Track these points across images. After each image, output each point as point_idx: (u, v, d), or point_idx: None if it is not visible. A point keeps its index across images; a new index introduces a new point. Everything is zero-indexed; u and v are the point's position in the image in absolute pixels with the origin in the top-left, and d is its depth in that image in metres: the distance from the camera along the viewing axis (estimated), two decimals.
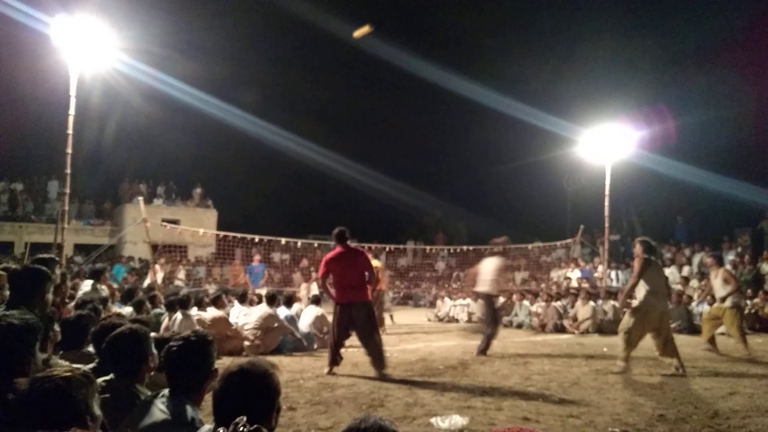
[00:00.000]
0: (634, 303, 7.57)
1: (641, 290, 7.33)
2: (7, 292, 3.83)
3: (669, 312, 7.71)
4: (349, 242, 7.24)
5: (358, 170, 25.29)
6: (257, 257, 17.23)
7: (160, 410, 2.36)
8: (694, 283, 15.36)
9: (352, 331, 7.09)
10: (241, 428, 1.53)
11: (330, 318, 10.02)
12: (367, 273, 7.04)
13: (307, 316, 9.85)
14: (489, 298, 8.97)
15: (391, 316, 13.64)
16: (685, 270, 16.68)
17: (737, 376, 7.10)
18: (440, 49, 25.01)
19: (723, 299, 9.21)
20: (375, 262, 12.03)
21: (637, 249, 7.51)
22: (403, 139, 30.08)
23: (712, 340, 9.47)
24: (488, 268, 9.06)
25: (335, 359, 7.07)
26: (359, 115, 28.27)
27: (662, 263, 17.77)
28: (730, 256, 17.17)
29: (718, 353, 9.13)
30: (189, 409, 2.40)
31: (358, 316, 6.93)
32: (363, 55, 25.68)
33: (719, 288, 9.29)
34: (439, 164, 30.76)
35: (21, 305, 3.38)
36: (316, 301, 10.34)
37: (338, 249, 7.15)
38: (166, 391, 2.47)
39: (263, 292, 11.98)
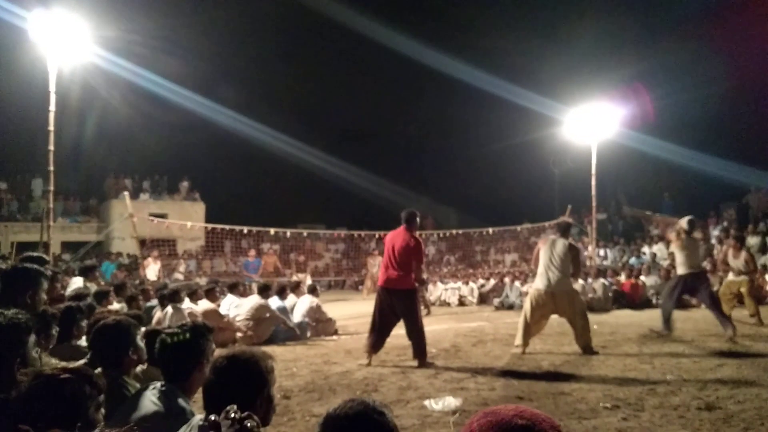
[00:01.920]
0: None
1: (538, 268, 7.31)
2: None
3: (570, 293, 7.27)
4: (414, 227, 6.92)
5: (343, 161, 25.24)
6: (252, 252, 17.28)
7: (152, 402, 2.37)
8: None
9: (395, 319, 6.86)
10: (233, 414, 1.54)
11: (324, 308, 10.15)
12: (415, 262, 6.80)
13: (301, 305, 9.86)
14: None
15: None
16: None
17: (725, 349, 7.22)
18: (428, 31, 24.55)
19: (739, 272, 9.52)
20: None
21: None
22: (386, 125, 29.91)
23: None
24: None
25: (376, 346, 6.79)
26: (340, 105, 28.06)
27: (650, 239, 18.03)
28: (716, 232, 17.37)
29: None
30: (181, 400, 2.41)
31: (399, 304, 6.75)
32: (344, 46, 25.62)
33: (740, 266, 9.58)
34: (422, 147, 30.60)
35: (10, 305, 3.35)
36: (311, 290, 10.36)
37: (400, 230, 6.91)
38: (158, 384, 2.48)
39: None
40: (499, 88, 21.94)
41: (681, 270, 8.45)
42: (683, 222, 8.63)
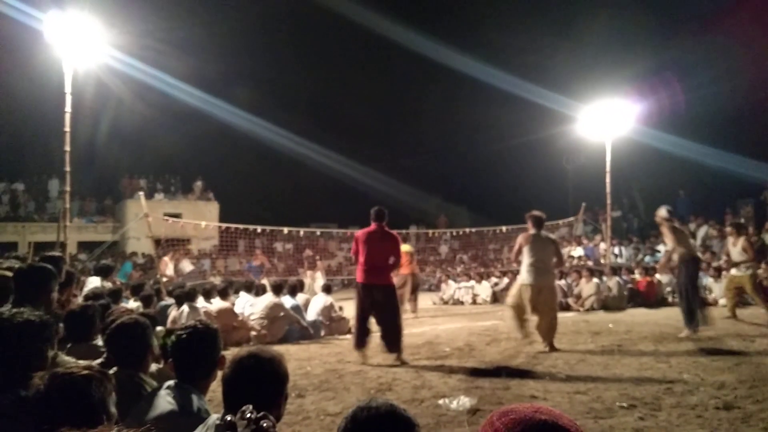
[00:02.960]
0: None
1: (523, 264, 7.48)
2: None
3: (552, 289, 7.57)
4: (384, 223, 7.06)
5: (356, 160, 25.26)
6: (256, 261, 17.36)
7: (167, 401, 2.38)
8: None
9: (371, 314, 6.96)
10: (249, 415, 1.55)
11: (337, 306, 10.17)
12: (392, 258, 6.94)
13: (315, 304, 9.89)
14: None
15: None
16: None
17: (743, 347, 7.12)
18: (440, 29, 24.39)
19: (736, 264, 9.42)
20: (405, 247, 12.01)
21: (528, 224, 7.72)
22: (398, 123, 29.88)
23: (733, 311, 9.74)
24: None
25: (362, 341, 6.88)
26: (352, 104, 28.02)
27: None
28: None
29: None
30: (195, 398, 2.42)
31: (379, 299, 6.85)
32: (356, 45, 25.56)
33: (737, 255, 9.44)
34: (435, 146, 30.48)
35: (26, 304, 3.38)
36: (326, 289, 10.39)
37: (372, 227, 7.02)
38: (172, 382, 2.49)
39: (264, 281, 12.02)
40: (512, 85, 21.79)
41: (677, 255, 8.39)
42: (662, 211, 8.64)
